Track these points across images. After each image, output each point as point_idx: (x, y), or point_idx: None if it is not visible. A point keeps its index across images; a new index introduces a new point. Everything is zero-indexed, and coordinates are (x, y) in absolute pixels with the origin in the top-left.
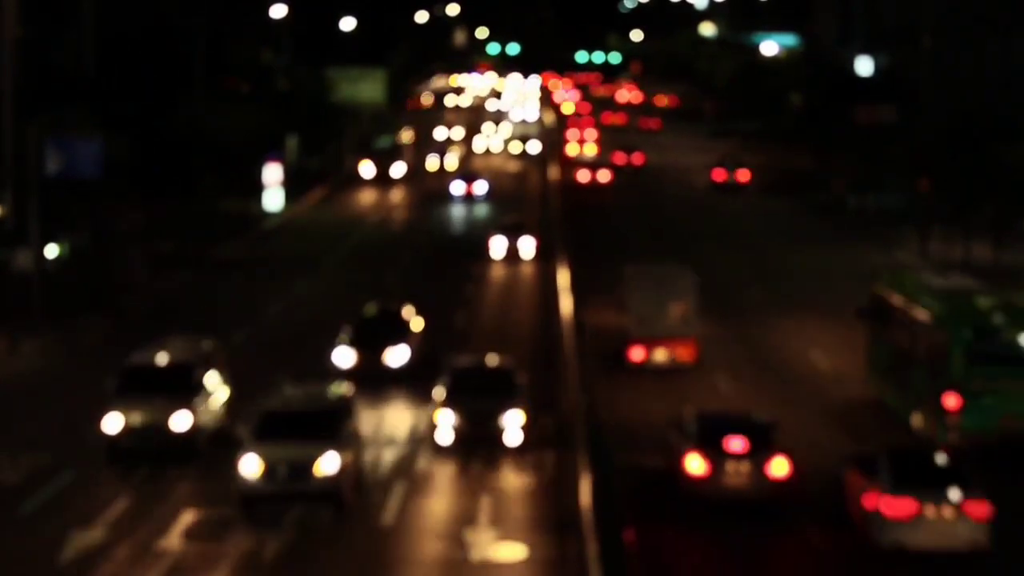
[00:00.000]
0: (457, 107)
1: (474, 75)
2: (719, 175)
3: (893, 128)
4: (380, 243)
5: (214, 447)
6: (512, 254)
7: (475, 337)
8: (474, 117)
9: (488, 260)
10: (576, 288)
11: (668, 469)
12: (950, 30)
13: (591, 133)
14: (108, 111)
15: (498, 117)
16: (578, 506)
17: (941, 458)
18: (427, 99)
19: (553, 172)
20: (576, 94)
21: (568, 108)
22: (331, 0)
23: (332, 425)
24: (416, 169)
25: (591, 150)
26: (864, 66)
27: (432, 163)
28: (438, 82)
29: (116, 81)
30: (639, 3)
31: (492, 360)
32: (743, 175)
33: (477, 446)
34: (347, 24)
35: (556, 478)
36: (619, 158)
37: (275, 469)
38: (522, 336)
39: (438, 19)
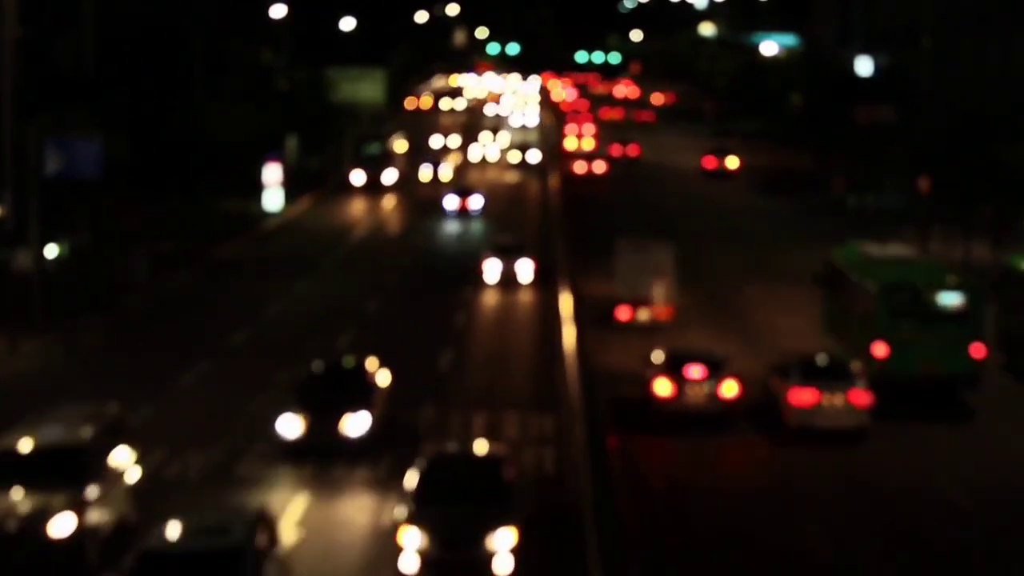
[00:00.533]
0: (452, 110)
1: (473, 75)
2: (709, 163)
3: (893, 128)
4: (367, 257)
5: (110, 556)
6: (508, 278)
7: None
8: (471, 123)
9: (481, 285)
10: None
11: (642, 394)
12: (950, 30)
13: (589, 128)
14: (108, 111)
15: (496, 124)
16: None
17: (833, 361)
18: (427, 99)
19: (554, 181)
20: (574, 92)
21: (566, 105)
22: (331, 0)
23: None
24: (408, 177)
25: (589, 144)
26: (864, 66)
27: (425, 173)
28: (438, 82)
29: (116, 81)
30: (639, 3)
31: (480, 448)
32: (732, 162)
33: None
34: (347, 24)
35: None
36: (615, 150)
37: None
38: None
39: (438, 19)
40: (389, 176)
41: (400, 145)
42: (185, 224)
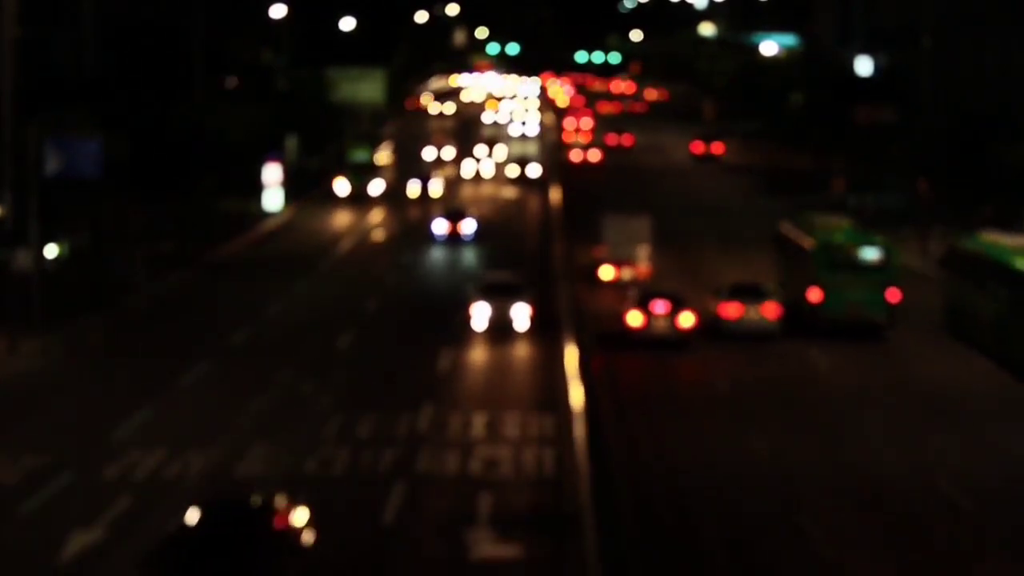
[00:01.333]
0: (442, 114)
1: (473, 75)
2: (697, 147)
3: (893, 128)
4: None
5: None
6: (501, 324)
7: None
8: (466, 130)
9: (468, 335)
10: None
11: (620, 326)
12: (950, 30)
13: (587, 122)
14: (108, 111)
15: (494, 135)
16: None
17: (754, 284)
18: (427, 99)
19: (555, 195)
20: (572, 91)
21: (564, 102)
22: (331, 0)
23: None
24: (396, 190)
25: (586, 136)
26: (864, 66)
27: (413, 189)
28: (438, 83)
29: (116, 81)
30: (639, 3)
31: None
32: (717, 148)
33: None
34: (347, 24)
35: None
36: (611, 139)
37: None
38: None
39: (438, 19)
40: (376, 186)
41: (383, 157)
42: (185, 224)
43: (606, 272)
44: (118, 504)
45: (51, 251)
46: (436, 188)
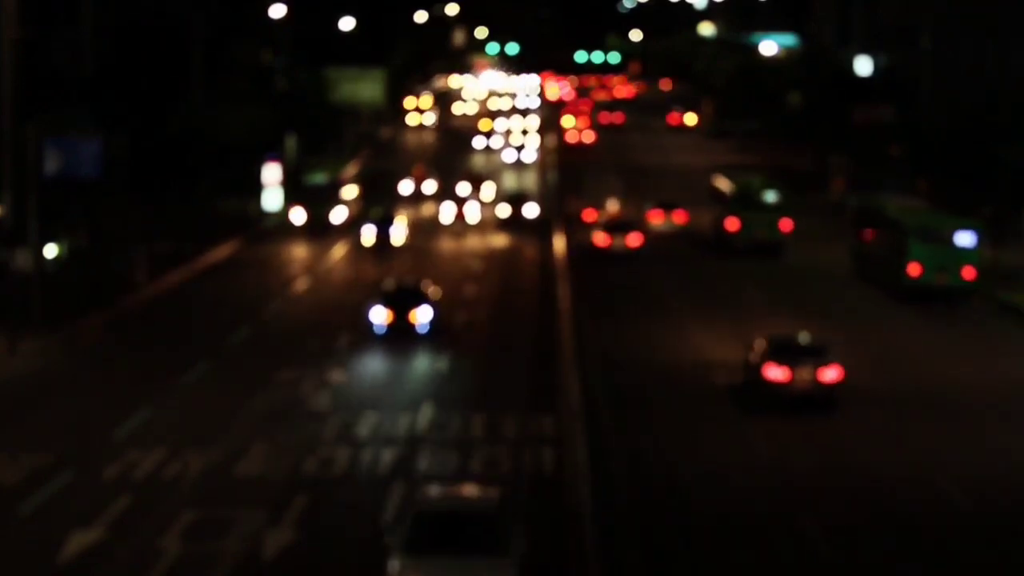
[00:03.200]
0: (421, 125)
1: (470, 76)
2: (673, 119)
3: (892, 128)
4: None
5: None
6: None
7: None
8: (454, 146)
9: None
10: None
11: (590, 244)
12: (950, 30)
13: (583, 109)
14: (108, 111)
15: (479, 174)
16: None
17: (668, 199)
18: (426, 101)
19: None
20: (570, 89)
21: (555, 94)
22: (331, 0)
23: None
24: (357, 220)
25: (583, 122)
26: (863, 66)
27: (367, 237)
28: (436, 84)
29: (116, 81)
30: (638, 3)
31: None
32: (690, 119)
33: None
34: (347, 24)
35: None
36: (603, 117)
37: None
38: None
39: (438, 19)
40: (337, 214)
41: (350, 191)
42: (185, 224)
43: (588, 215)
44: (118, 504)
45: (51, 251)
46: (398, 235)
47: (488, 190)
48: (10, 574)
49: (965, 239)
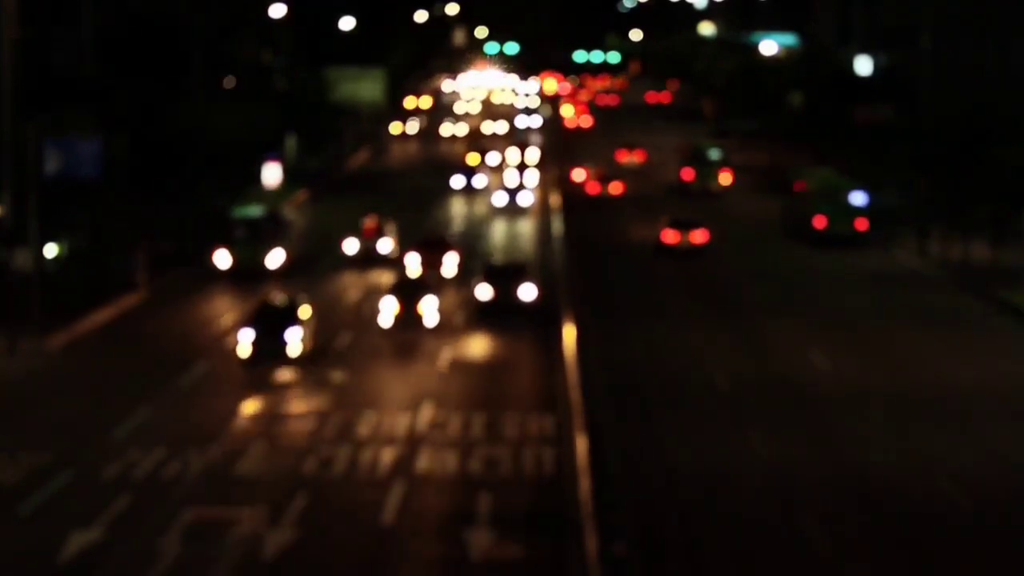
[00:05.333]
0: (404, 134)
1: (468, 76)
2: (651, 98)
3: (893, 128)
4: None
5: None
6: None
7: None
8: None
9: None
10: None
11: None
12: (950, 30)
13: (581, 100)
14: (108, 111)
15: (439, 243)
16: None
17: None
18: (425, 102)
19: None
20: (569, 88)
21: (552, 88)
22: (331, 0)
23: None
24: (305, 261)
25: (582, 112)
26: (863, 66)
27: (244, 346)
28: (436, 83)
29: (116, 81)
30: (638, 3)
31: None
32: (665, 97)
33: None
34: (347, 24)
35: None
36: (600, 99)
37: None
38: None
39: (437, 19)
40: (274, 258)
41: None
42: (184, 224)
43: (577, 175)
44: (118, 503)
45: (51, 251)
46: (292, 344)
47: (450, 262)
48: (10, 574)
49: (858, 198)
